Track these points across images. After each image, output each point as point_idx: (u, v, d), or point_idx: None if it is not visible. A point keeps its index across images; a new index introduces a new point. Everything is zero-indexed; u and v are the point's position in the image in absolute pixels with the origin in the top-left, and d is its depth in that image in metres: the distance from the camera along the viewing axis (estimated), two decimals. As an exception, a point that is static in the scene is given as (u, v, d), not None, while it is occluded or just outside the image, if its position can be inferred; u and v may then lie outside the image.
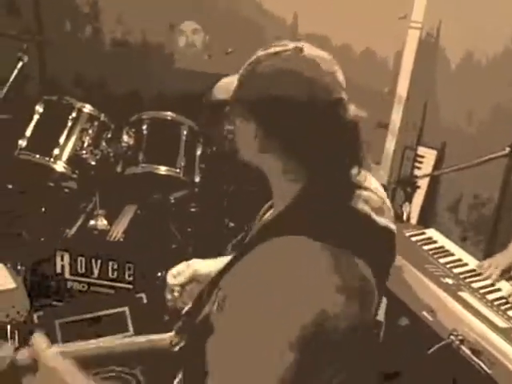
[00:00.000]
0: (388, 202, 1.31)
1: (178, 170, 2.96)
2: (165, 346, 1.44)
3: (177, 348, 1.40)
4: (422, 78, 3.37)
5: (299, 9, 3.61)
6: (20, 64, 3.10)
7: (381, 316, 2.81)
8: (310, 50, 1.19)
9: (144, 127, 3.04)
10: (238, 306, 1.10)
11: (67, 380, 1.23)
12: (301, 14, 3.62)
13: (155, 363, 1.58)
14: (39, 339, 1.29)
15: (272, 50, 1.20)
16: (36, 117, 3.00)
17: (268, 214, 1.35)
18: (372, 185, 1.28)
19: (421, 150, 3.39)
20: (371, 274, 1.17)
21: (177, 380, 1.40)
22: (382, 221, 1.24)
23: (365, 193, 1.23)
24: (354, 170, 1.22)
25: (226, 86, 1.30)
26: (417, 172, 3.31)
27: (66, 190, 3.11)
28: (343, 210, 1.19)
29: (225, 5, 3.70)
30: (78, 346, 1.40)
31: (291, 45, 1.19)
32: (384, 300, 2.80)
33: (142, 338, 1.51)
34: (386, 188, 2.95)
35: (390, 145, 3.43)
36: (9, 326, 2.52)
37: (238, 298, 1.10)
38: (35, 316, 2.47)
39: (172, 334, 1.44)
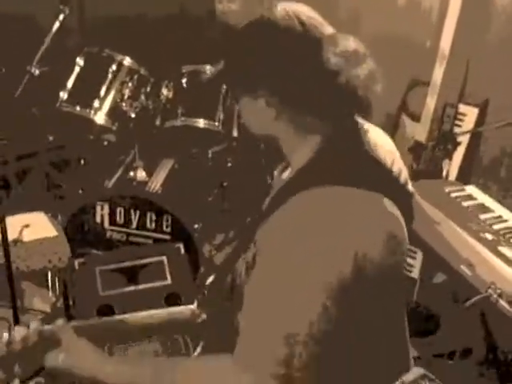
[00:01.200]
0: (399, 156, 1.31)
1: (216, 124, 2.97)
2: (186, 319, 1.45)
3: (199, 320, 1.42)
4: (466, 33, 3.28)
5: None
6: (61, 16, 3.12)
7: (415, 273, 2.82)
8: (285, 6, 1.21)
9: (183, 80, 3.04)
10: (273, 257, 1.10)
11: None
12: None
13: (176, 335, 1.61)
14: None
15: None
16: (77, 69, 3.02)
17: (286, 173, 1.34)
18: (381, 136, 1.30)
19: (462, 108, 3.32)
20: (402, 217, 1.18)
21: (197, 351, 1.42)
22: (396, 170, 1.25)
23: (374, 140, 1.25)
24: (359, 117, 1.24)
25: None
26: (457, 130, 3.26)
27: (106, 143, 3.15)
28: (361, 156, 1.20)
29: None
30: (93, 323, 1.42)
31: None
32: (419, 257, 2.80)
33: (162, 312, 1.51)
34: (424, 145, 2.92)
35: (431, 102, 3.37)
36: (49, 273, 2.61)
37: (273, 249, 1.11)
38: (76, 263, 2.53)
39: (193, 306, 1.45)
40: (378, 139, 1.27)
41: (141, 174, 2.88)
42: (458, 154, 3.09)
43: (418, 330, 2.55)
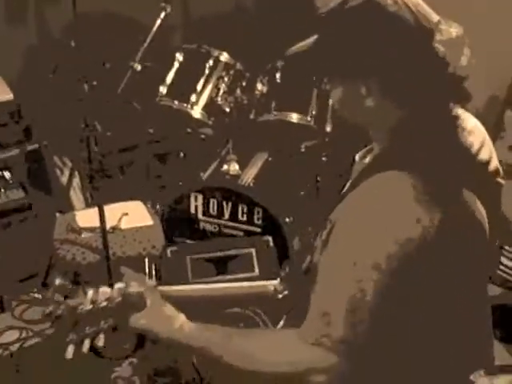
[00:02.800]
0: (489, 140, 1.29)
1: (309, 119, 2.97)
2: (270, 293, 1.49)
3: (280, 296, 1.45)
4: None
5: None
6: (163, 14, 3.24)
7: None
8: None
9: (278, 75, 3.07)
10: (344, 232, 1.15)
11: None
12: None
13: (260, 308, 1.65)
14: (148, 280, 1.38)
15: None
16: (176, 64, 3.13)
17: (368, 157, 1.35)
18: (471, 123, 1.28)
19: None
20: (481, 208, 1.15)
21: (280, 325, 1.45)
22: (483, 156, 1.24)
23: (466, 127, 1.23)
24: (454, 104, 1.22)
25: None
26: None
27: (203, 136, 3.24)
28: (445, 143, 1.20)
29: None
30: (180, 290, 1.47)
31: None
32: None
33: (246, 284, 1.55)
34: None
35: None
36: (146, 259, 2.72)
37: (345, 226, 1.15)
38: (168, 251, 2.63)
39: (276, 281, 1.48)
40: (468, 124, 1.26)
41: (234, 168, 2.93)
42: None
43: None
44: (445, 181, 1.14)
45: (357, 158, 1.41)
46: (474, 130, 1.26)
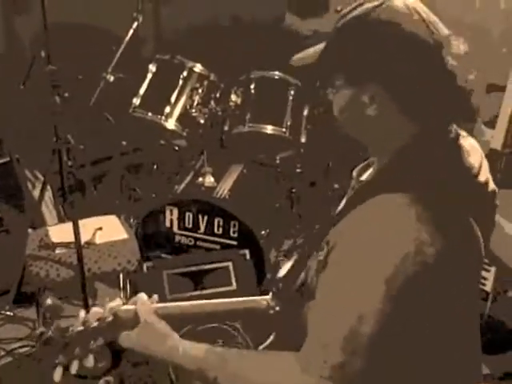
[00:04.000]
0: (486, 161, 1.27)
1: (284, 130, 2.97)
2: (261, 308, 1.47)
3: (272, 311, 1.43)
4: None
5: None
6: (135, 24, 3.21)
7: (488, 286, 2.72)
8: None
9: (252, 86, 3.06)
10: (346, 255, 1.11)
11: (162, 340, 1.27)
12: None
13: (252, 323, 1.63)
14: (144, 297, 1.35)
15: (364, 6, 1.17)
16: (149, 76, 3.10)
17: (367, 173, 1.33)
18: (468, 142, 1.25)
19: (541, 113, 3.18)
20: (478, 232, 1.15)
21: (268, 341, 1.44)
22: (482, 178, 1.21)
23: (465, 148, 1.21)
24: (456, 123, 1.21)
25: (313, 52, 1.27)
26: (535, 136, 3.12)
27: (176, 148, 3.22)
28: (449, 164, 1.17)
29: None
30: (175, 307, 1.45)
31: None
32: (492, 270, 2.70)
33: (237, 300, 1.54)
34: (500, 153, 2.81)
35: (506, 108, 3.25)
36: (121, 275, 2.68)
37: (346, 248, 1.12)
38: (145, 266, 2.60)
39: (269, 297, 1.46)
40: (468, 144, 1.24)
41: (209, 180, 2.91)
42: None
43: (491, 345, 2.47)
44: (448, 204, 1.12)
45: (354, 173, 1.37)
46: (472, 149, 1.23)
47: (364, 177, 1.33)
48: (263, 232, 2.82)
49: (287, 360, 1.14)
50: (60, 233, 2.66)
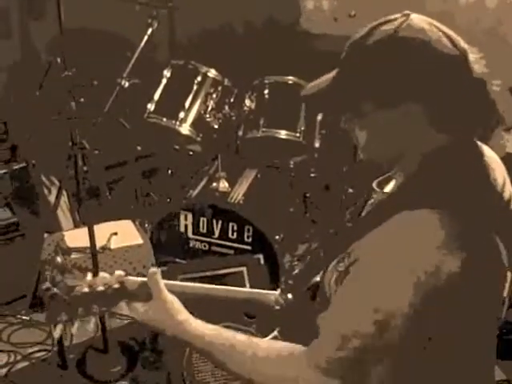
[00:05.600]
0: (508, 178, 1.25)
1: (297, 135, 2.97)
2: (269, 302, 1.48)
3: (278, 307, 1.44)
4: None
5: None
6: (150, 30, 3.23)
7: (504, 292, 2.70)
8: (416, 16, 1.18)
9: (266, 91, 3.07)
10: (370, 266, 1.12)
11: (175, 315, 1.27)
12: None
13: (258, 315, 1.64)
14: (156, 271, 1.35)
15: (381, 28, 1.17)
16: (164, 81, 3.12)
17: (390, 185, 1.32)
18: (492, 156, 1.23)
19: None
20: (502, 247, 1.14)
21: (272, 335, 1.44)
22: (507, 194, 1.20)
23: (490, 162, 1.19)
24: (483, 135, 1.21)
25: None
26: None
27: (191, 153, 3.22)
28: (476, 178, 1.17)
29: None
30: (184, 286, 1.45)
31: (396, 16, 1.18)
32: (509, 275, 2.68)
33: (247, 290, 1.56)
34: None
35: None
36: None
37: (371, 261, 1.12)
38: (159, 271, 2.60)
39: (277, 292, 1.48)
40: (492, 158, 1.22)
41: (223, 185, 2.92)
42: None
43: (508, 350, 2.45)
44: (473, 219, 1.11)
45: (374, 185, 1.35)
46: (495, 164, 1.22)
47: (387, 189, 1.32)
48: (277, 237, 2.81)
49: (295, 352, 1.15)
50: (75, 238, 2.68)
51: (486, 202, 1.15)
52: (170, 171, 3.32)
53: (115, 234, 2.71)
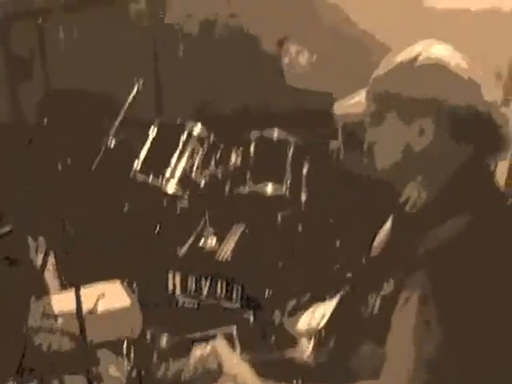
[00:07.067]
0: None
1: (284, 189, 2.98)
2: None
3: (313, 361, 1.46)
4: None
5: (404, 37, 3.54)
6: (135, 88, 3.25)
7: None
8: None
9: (251, 146, 3.08)
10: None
11: None
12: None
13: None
14: (223, 344, 1.36)
15: (400, 58, 1.33)
16: (149, 139, 3.13)
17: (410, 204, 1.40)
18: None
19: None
20: None
21: None
22: None
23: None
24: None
25: (353, 104, 1.45)
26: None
27: (178, 210, 3.22)
28: (486, 192, 1.29)
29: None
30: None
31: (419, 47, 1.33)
32: None
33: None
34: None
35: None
36: (125, 342, 2.66)
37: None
38: (148, 333, 2.57)
39: (309, 350, 1.48)
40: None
41: (211, 242, 2.91)
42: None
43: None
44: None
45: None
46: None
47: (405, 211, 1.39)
48: (267, 293, 2.80)
49: None
50: (62, 301, 2.65)
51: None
52: (157, 228, 3.31)
53: (103, 295, 2.69)
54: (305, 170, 3.10)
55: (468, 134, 1.27)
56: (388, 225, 1.47)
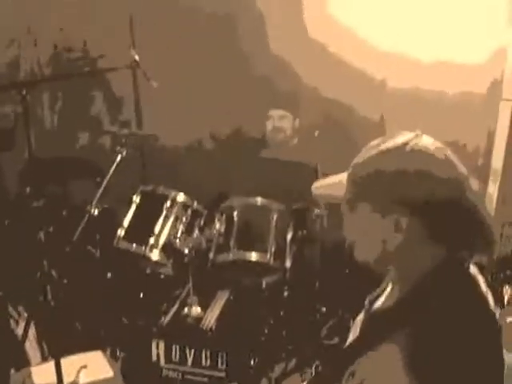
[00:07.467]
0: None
1: (268, 256, 2.97)
2: None
3: None
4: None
5: (386, 111, 3.70)
6: (119, 157, 3.28)
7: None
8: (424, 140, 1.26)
9: (235, 213, 3.09)
10: None
11: None
12: (387, 115, 3.72)
13: None
14: None
15: (385, 146, 1.26)
16: (133, 207, 3.14)
17: (379, 301, 1.36)
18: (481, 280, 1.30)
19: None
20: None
21: None
22: (492, 306, 1.26)
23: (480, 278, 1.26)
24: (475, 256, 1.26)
25: (333, 184, 1.37)
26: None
27: (162, 277, 3.20)
28: (465, 296, 1.21)
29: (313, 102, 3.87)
30: None
31: (403, 138, 1.26)
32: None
33: None
34: (485, 269, 2.83)
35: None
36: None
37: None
38: (131, 405, 2.51)
39: None
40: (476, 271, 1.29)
41: (195, 310, 2.88)
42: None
43: None
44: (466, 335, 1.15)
45: (366, 303, 1.40)
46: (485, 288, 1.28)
47: (377, 305, 1.35)
48: (252, 361, 2.75)
49: None
50: (43, 373, 2.58)
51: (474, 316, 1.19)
52: (141, 295, 3.27)
53: (85, 366, 2.63)
54: (289, 237, 3.11)
55: (447, 234, 1.21)
56: (361, 316, 1.43)
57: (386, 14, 3.59)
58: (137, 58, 3.32)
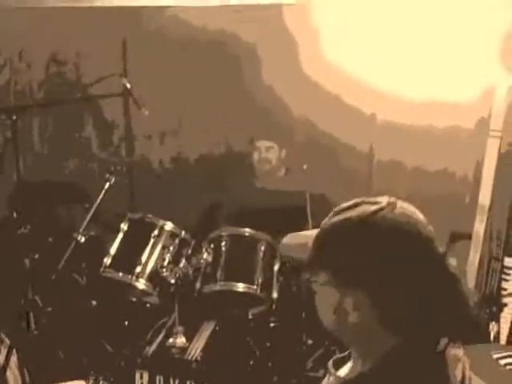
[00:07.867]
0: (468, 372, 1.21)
1: (255, 287, 2.96)
2: None
3: None
4: (505, 186, 3.29)
5: (375, 140, 3.74)
6: (107, 185, 3.28)
7: None
8: (400, 204, 1.16)
9: (222, 244, 3.09)
10: None
11: None
12: (376, 144, 3.76)
13: None
14: None
15: (354, 212, 1.16)
16: (120, 235, 3.12)
17: (345, 368, 1.28)
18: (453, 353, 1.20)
19: (508, 261, 3.25)
20: None
21: None
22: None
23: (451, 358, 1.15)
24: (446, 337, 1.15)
25: (300, 245, 1.25)
26: (504, 284, 3.16)
27: (148, 305, 3.17)
28: (430, 376, 1.13)
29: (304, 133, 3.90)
30: None
31: (380, 203, 1.16)
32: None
33: None
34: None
35: (475, 256, 3.32)
36: None
37: None
38: None
39: None
40: (452, 355, 1.17)
41: (181, 340, 2.85)
42: (506, 315, 2.98)
43: None
44: None
45: (330, 365, 1.30)
46: (454, 360, 1.16)
47: (342, 372, 1.27)
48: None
49: None
50: (24, 404, 2.55)
51: None
52: (126, 323, 3.24)
53: (66, 397, 2.59)
54: (276, 268, 3.10)
55: (411, 320, 1.12)
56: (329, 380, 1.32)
57: (377, 54, 3.65)
58: (128, 86, 3.35)
